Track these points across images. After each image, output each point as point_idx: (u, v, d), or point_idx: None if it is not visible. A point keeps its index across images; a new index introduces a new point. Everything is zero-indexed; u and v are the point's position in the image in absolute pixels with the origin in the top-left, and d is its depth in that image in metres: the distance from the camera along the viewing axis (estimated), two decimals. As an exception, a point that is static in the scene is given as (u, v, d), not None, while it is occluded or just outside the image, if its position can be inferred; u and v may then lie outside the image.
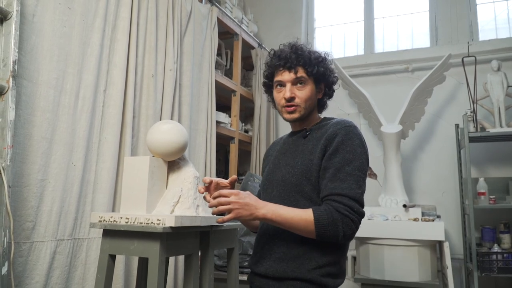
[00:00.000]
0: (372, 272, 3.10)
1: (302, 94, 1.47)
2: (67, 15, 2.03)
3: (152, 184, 1.75)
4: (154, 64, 2.55)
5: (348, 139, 1.39)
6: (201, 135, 2.99)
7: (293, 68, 1.47)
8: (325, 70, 1.50)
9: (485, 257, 3.14)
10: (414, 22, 4.35)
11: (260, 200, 1.36)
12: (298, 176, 1.42)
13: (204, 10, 3.18)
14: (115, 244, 1.67)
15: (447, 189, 3.78)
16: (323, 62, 1.50)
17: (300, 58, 1.46)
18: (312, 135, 1.48)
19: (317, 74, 1.47)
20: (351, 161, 1.35)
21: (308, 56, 1.47)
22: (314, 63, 1.47)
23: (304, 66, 1.46)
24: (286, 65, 1.47)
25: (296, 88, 1.47)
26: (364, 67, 4.19)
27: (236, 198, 1.31)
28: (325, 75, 1.50)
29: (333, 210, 1.30)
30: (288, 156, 1.50)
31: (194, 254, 1.79)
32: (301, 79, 1.47)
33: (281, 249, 1.42)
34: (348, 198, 1.31)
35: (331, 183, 1.35)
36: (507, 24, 4.01)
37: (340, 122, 1.45)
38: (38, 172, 1.86)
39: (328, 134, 1.42)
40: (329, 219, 1.29)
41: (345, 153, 1.36)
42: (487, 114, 3.53)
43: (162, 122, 1.88)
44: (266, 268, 1.43)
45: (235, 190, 1.34)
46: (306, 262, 1.37)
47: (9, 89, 1.63)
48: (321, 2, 4.77)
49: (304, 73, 1.47)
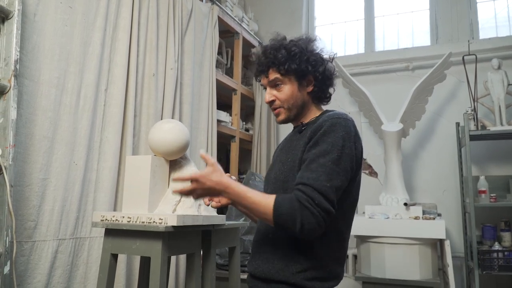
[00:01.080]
0: (373, 270, 3.10)
1: (280, 95, 1.40)
2: (68, 14, 2.03)
3: (154, 183, 1.75)
4: (155, 63, 2.55)
5: (331, 131, 1.27)
6: (202, 134, 2.99)
7: (265, 72, 1.41)
8: (301, 62, 1.37)
9: (486, 255, 3.14)
10: (415, 20, 4.35)
11: (223, 181, 1.26)
12: (286, 172, 1.35)
13: (205, 9, 3.18)
14: (117, 243, 1.67)
15: (448, 188, 3.78)
16: (298, 54, 1.37)
17: (268, 60, 1.39)
18: (307, 130, 1.38)
19: (291, 70, 1.37)
20: (327, 153, 1.24)
21: (277, 55, 1.37)
22: (285, 59, 1.36)
23: (274, 67, 1.38)
24: (259, 71, 1.42)
25: (276, 89, 1.41)
26: (365, 65, 4.19)
27: (198, 184, 1.25)
28: (305, 67, 1.38)
29: (294, 199, 1.20)
30: (283, 153, 1.44)
31: (196, 253, 1.79)
32: (275, 81, 1.40)
33: (269, 248, 1.36)
34: (312, 188, 1.19)
35: (301, 173, 1.25)
36: (508, 22, 4.01)
37: (330, 115, 1.35)
38: (39, 171, 1.86)
39: (315, 126, 1.33)
40: (288, 208, 1.19)
41: (324, 144, 1.26)
42: (487, 112, 3.52)
43: (164, 121, 1.88)
44: (255, 268, 1.38)
45: (196, 175, 1.27)
46: (291, 264, 1.29)
47: (11, 88, 1.64)
48: (321, 1, 4.77)
49: (276, 74, 1.38)
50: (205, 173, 1.27)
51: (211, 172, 1.27)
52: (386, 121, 3.52)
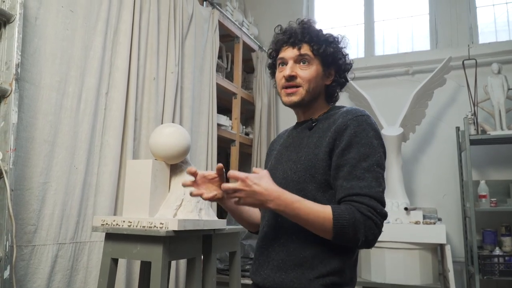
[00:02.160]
0: (373, 275, 3.09)
1: (305, 74, 1.29)
2: (69, 18, 2.03)
3: (155, 187, 1.74)
4: (155, 67, 2.55)
5: (362, 131, 1.20)
6: (202, 137, 2.99)
7: (297, 44, 1.30)
8: (335, 52, 1.32)
9: (487, 260, 3.14)
10: (414, 25, 4.36)
11: (274, 189, 1.14)
12: (301, 172, 1.25)
13: (206, 13, 3.19)
14: (117, 248, 1.66)
15: (448, 192, 3.78)
16: (334, 43, 1.32)
17: (305, 34, 1.30)
18: (319, 126, 1.30)
19: (324, 54, 1.30)
20: (368, 156, 1.17)
21: (316, 33, 1.30)
22: (323, 40, 1.30)
23: (310, 43, 1.29)
24: (290, 40, 1.31)
25: (299, 67, 1.30)
26: (365, 69, 4.19)
27: (243, 185, 1.12)
28: (335, 57, 1.32)
29: (355, 210, 1.12)
30: (291, 151, 1.33)
31: (197, 258, 1.79)
32: (305, 56, 1.29)
33: (280, 255, 1.25)
34: (369, 197, 1.13)
35: (347, 183, 1.16)
36: (507, 27, 4.02)
37: (350, 111, 1.26)
38: (40, 175, 1.85)
39: (337, 125, 1.23)
40: (350, 219, 1.11)
41: (360, 147, 1.18)
42: (487, 117, 3.53)
43: (165, 126, 1.88)
44: (264, 278, 1.27)
45: (243, 175, 1.13)
46: (307, 272, 1.20)
47: (12, 92, 1.63)
48: (321, 5, 4.78)
49: (309, 50, 1.29)
50: (254, 176, 1.15)
51: (260, 177, 1.15)
52: (386, 125, 3.52)
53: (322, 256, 1.21)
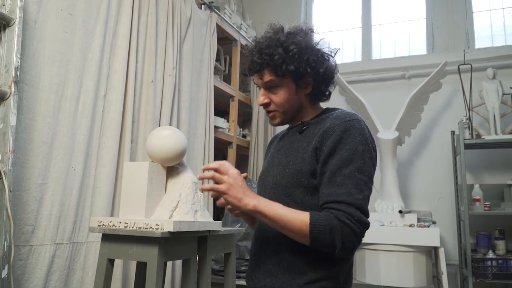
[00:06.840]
0: (368, 277, 3.12)
1: (276, 99, 1.27)
2: (68, 21, 2.06)
3: (151, 189, 1.77)
4: (153, 70, 2.57)
5: (347, 136, 1.17)
6: (200, 140, 3.01)
7: (258, 73, 1.27)
8: (299, 64, 1.22)
9: (480, 263, 3.17)
10: (411, 29, 4.40)
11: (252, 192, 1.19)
12: (288, 177, 1.23)
13: (204, 16, 3.21)
14: (114, 249, 1.68)
15: (443, 195, 3.81)
16: (297, 56, 1.22)
17: (264, 58, 1.23)
18: (310, 130, 1.27)
19: (290, 71, 1.22)
20: (350, 162, 1.14)
21: (274, 54, 1.22)
22: (282, 62, 1.22)
23: (270, 68, 1.24)
24: (253, 70, 1.29)
25: (271, 92, 1.28)
26: (361, 73, 4.23)
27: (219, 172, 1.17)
28: (302, 70, 1.23)
29: (333, 217, 1.10)
30: (281, 154, 1.31)
31: (192, 259, 1.81)
32: (270, 83, 1.26)
33: (271, 260, 1.25)
34: (347, 205, 1.11)
35: (327, 189, 1.15)
36: (503, 32, 4.06)
37: (340, 116, 1.23)
38: (38, 176, 1.87)
39: (324, 130, 1.21)
40: (327, 226, 1.09)
41: (343, 152, 1.15)
42: (482, 121, 3.56)
43: (162, 128, 1.90)
44: (255, 283, 1.27)
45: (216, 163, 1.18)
46: (297, 277, 1.18)
47: (11, 95, 1.66)
48: (319, 9, 4.81)
49: (272, 75, 1.25)
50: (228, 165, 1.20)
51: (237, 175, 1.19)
52: (382, 129, 3.55)
53: (313, 262, 1.19)
